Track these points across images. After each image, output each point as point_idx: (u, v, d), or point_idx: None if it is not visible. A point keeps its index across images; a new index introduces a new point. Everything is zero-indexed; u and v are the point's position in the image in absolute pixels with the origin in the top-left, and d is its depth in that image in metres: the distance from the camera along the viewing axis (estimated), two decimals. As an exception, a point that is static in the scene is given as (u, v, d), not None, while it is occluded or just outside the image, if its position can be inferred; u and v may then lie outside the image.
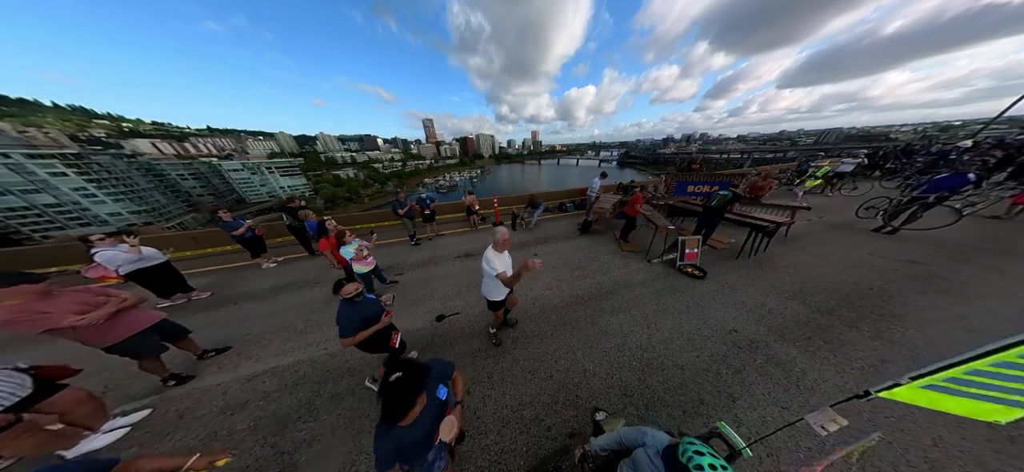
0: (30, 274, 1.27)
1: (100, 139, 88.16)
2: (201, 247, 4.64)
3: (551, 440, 1.42)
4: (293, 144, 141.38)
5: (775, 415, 1.49)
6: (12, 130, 79.32)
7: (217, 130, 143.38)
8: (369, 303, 1.50)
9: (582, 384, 1.72)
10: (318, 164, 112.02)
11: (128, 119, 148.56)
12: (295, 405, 1.65)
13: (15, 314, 1.19)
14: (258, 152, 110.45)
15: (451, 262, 3.73)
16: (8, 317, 1.18)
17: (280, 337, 2.27)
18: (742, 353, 1.89)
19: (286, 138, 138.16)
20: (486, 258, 1.60)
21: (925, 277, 2.70)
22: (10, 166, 34.85)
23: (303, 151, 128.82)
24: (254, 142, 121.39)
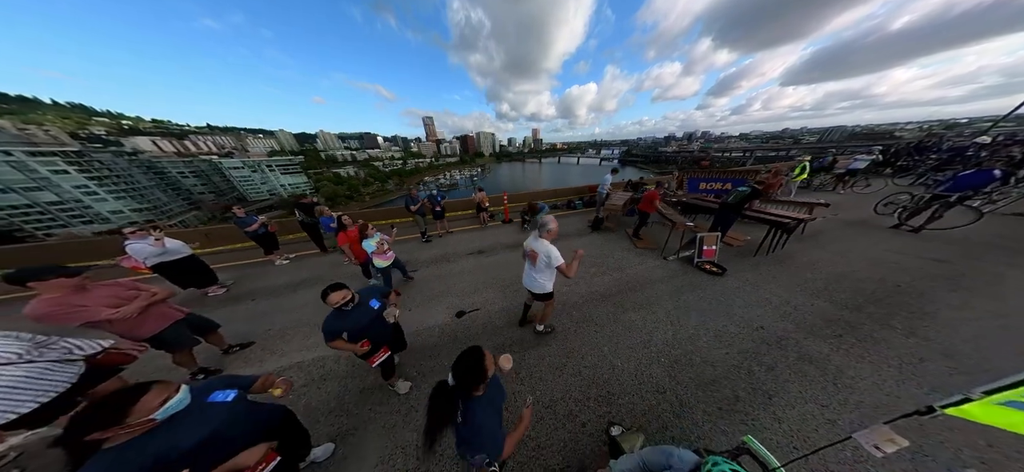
0: (66, 267, 1.26)
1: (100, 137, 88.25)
2: (213, 244, 4.64)
3: (587, 436, 1.40)
4: (293, 142, 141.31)
5: (815, 413, 1.47)
6: (12, 127, 79.46)
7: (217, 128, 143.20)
8: (360, 314, 1.35)
9: (612, 380, 1.70)
10: (318, 162, 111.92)
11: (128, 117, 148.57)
12: (325, 399, 1.65)
13: (54, 308, 1.19)
14: (258, 150, 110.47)
15: (464, 259, 3.72)
16: (47, 310, 1.17)
17: (301, 333, 2.27)
18: (772, 350, 1.87)
19: (286, 136, 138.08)
20: (546, 250, 1.58)
21: (953, 275, 2.66)
22: (12, 163, 34.96)
23: (303, 149, 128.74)
24: (254, 140, 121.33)
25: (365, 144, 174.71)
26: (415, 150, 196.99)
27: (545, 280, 1.73)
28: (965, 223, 3.62)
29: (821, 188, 6.73)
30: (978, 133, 7.95)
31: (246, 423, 0.85)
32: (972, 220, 3.63)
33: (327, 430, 1.49)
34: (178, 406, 0.72)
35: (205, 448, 0.73)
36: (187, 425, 0.73)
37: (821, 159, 7.25)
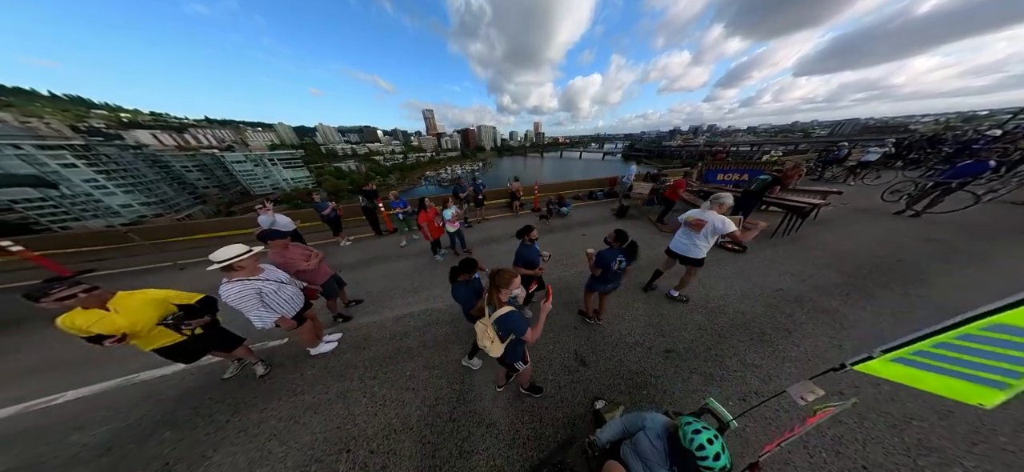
0: (279, 232, 1.77)
1: (100, 130, 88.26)
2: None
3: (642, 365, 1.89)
4: (292, 135, 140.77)
5: (825, 341, 1.95)
6: (14, 121, 79.62)
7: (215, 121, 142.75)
8: (533, 253, 1.93)
9: (663, 322, 2.18)
10: (319, 156, 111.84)
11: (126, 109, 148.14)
12: (445, 335, 2.15)
13: (280, 258, 1.72)
14: (257, 143, 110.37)
15: (510, 240, 4.19)
16: (277, 260, 1.70)
17: (397, 294, 2.76)
18: (791, 304, 2.34)
19: (285, 129, 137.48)
20: (719, 220, 1.87)
21: (948, 252, 3.09)
22: (23, 157, 35.59)
23: (303, 143, 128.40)
24: (253, 133, 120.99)
25: (365, 138, 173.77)
26: (415, 144, 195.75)
27: (703, 247, 1.97)
28: (962, 207, 4.03)
29: (833, 180, 7.07)
30: (998, 126, 8.10)
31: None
32: (968, 204, 4.04)
33: (461, 352, 1.98)
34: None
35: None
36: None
37: (835, 152, 7.52)
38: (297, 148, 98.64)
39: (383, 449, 1.39)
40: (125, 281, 3.42)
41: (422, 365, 1.87)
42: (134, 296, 1.35)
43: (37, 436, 1.55)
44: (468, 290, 1.58)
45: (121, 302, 1.31)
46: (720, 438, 0.74)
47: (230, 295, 1.36)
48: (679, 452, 0.77)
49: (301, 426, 1.51)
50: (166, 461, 1.38)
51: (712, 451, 0.71)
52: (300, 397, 1.67)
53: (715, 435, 0.74)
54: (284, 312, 1.53)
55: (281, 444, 1.43)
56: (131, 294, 1.36)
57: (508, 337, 1.14)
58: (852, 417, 1.42)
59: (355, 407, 1.60)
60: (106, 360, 2.01)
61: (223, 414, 1.58)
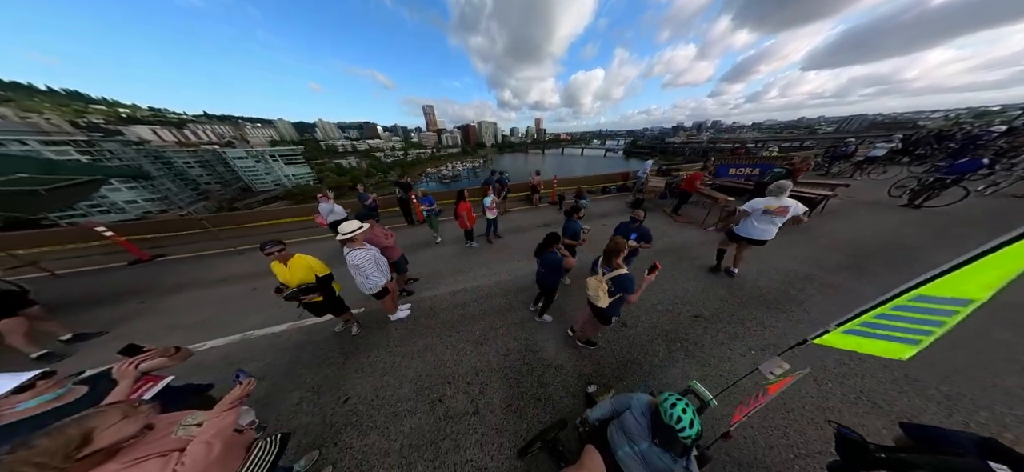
0: (368, 214, 2.12)
1: (100, 126, 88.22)
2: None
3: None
4: (292, 131, 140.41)
5: (833, 309, 2.28)
6: (15, 116, 79.62)
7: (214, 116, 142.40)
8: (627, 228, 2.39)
9: (690, 296, 2.52)
10: (319, 152, 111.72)
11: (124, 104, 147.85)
12: (500, 304, 2.50)
13: (371, 235, 2.08)
14: (257, 139, 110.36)
15: (536, 230, 4.53)
16: (371, 237, 2.07)
17: (445, 275, 3.11)
18: (801, 281, 2.67)
19: (285, 125, 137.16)
20: (797, 205, 2.17)
21: (946, 238, 3.43)
22: (28, 153, 35.96)
23: (303, 139, 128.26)
24: (252, 129, 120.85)
25: (365, 134, 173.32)
26: (415, 140, 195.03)
27: (776, 230, 2.32)
28: (954, 201, 4.35)
29: (840, 175, 7.34)
30: (1008, 122, 8.25)
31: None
32: (960, 198, 4.36)
33: (518, 317, 2.32)
34: None
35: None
36: None
37: (843, 148, 7.75)
38: (297, 144, 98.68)
39: (476, 382, 1.74)
40: (190, 263, 3.78)
41: (487, 326, 2.23)
42: (300, 260, 1.72)
43: (204, 370, 1.93)
44: (553, 258, 1.87)
45: (294, 262, 1.70)
46: (692, 409, 0.85)
47: (357, 259, 1.73)
48: (660, 425, 0.88)
49: (403, 368, 1.87)
50: (310, 386, 1.74)
51: (686, 420, 0.83)
52: (395, 349, 2.03)
53: (687, 406, 0.85)
54: (386, 278, 1.88)
55: (394, 378, 1.78)
56: (300, 258, 1.73)
57: (619, 294, 1.40)
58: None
59: (442, 355, 1.95)
60: (225, 320, 2.41)
61: (338, 358, 1.94)
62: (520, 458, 1.33)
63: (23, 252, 3.29)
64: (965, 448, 0.79)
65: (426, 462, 1.35)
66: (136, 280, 3.30)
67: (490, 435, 1.45)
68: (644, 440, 0.92)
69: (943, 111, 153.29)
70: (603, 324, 1.67)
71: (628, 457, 0.92)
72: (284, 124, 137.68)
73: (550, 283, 1.98)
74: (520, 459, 1.32)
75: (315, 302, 1.82)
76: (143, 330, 2.45)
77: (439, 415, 1.56)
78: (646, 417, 0.95)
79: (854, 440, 0.88)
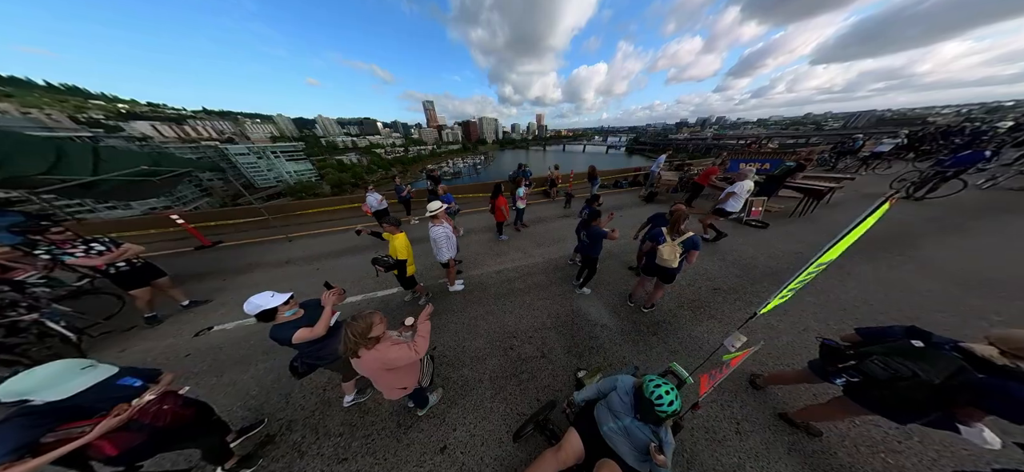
0: (441, 197, 2.48)
1: (100, 121, 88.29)
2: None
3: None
4: (292, 127, 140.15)
5: (836, 287, 2.64)
6: (16, 111, 79.80)
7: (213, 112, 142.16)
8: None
9: (709, 275, 2.89)
10: (319, 149, 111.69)
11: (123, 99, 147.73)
12: (542, 281, 2.88)
13: (444, 222, 2.40)
14: (257, 135, 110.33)
15: (557, 220, 4.89)
16: (444, 222, 2.39)
17: (485, 258, 3.48)
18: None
19: (284, 121, 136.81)
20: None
21: (943, 227, 3.80)
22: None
23: (302, 135, 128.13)
24: (252, 125, 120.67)
25: (364, 130, 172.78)
26: (416, 136, 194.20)
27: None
28: (953, 192, 4.67)
29: (846, 170, 7.64)
30: (1020, 117, 8.39)
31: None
32: (958, 190, 4.68)
33: (560, 290, 2.70)
34: None
35: None
36: None
37: (850, 144, 8.01)
38: (297, 140, 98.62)
39: (537, 337, 2.13)
40: (248, 249, 4.17)
41: (535, 297, 2.61)
42: (395, 238, 2.10)
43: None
44: (597, 229, 2.25)
45: (396, 239, 2.09)
46: (673, 389, 0.96)
47: (437, 234, 2.17)
48: (642, 402, 0.98)
49: (474, 326, 2.25)
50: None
51: (667, 400, 0.94)
52: (460, 314, 2.41)
53: (670, 388, 0.95)
54: (453, 253, 2.29)
55: (468, 334, 2.17)
56: (400, 236, 2.11)
57: (687, 252, 1.86)
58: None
59: (503, 318, 2.34)
60: (307, 291, 2.79)
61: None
62: (516, 441, 1.41)
63: (115, 235, 3.67)
64: (897, 335, 1.16)
65: (512, 387, 1.74)
66: (207, 263, 3.69)
67: (558, 371, 1.84)
68: (627, 416, 1.03)
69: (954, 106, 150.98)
70: (668, 283, 2.09)
71: (613, 431, 1.04)
72: (284, 120, 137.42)
73: (593, 254, 2.34)
74: (516, 442, 1.40)
75: (394, 272, 2.21)
76: (237, 299, 2.85)
77: (513, 358, 1.94)
78: (630, 396, 1.06)
79: (833, 345, 1.27)
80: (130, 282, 2.31)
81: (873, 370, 1.07)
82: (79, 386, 0.88)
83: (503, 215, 3.81)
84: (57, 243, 2.37)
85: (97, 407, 0.90)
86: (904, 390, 0.99)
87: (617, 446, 1.02)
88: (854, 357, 1.17)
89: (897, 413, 1.07)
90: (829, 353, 1.25)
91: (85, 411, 0.88)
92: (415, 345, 1.13)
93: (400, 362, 1.09)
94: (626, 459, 0.99)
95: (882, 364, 1.05)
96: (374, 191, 4.05)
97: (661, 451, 0.92)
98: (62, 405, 0.85)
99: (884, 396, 1.06)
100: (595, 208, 2.32)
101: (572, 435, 1.09)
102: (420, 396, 1.48)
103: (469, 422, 1.55)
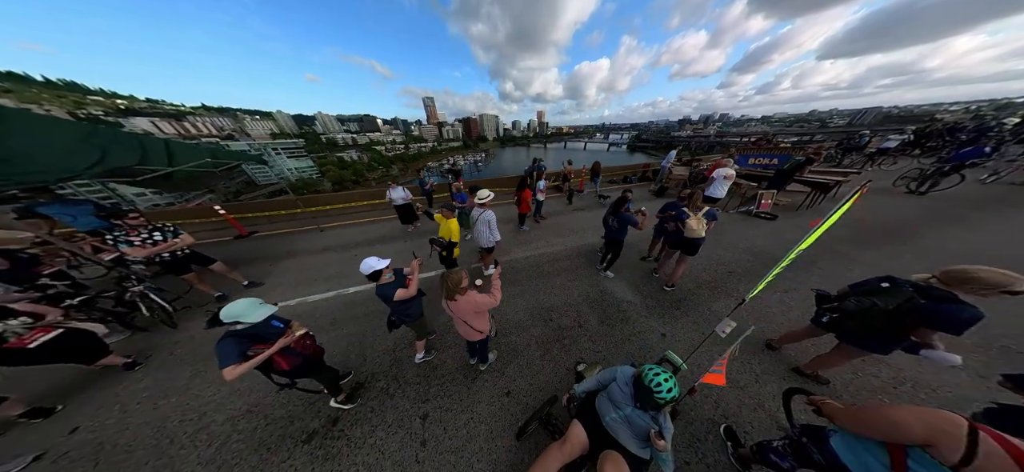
0: (476, 186, 2.73)
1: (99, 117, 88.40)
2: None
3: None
4: (292, 124, 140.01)
5: (840, 270, 2.89)
6: (14, 107, 79.68)
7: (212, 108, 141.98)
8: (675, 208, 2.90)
9: (723, 260, 3.13)
10: (319, 146, 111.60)
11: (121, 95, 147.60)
12: (568, 265, 3.14)
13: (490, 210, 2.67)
14: (257, 132, 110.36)
15: (571, 213, 5.13)
16: (488, 211, 2.64)
17: (512, 245, 3.73)
18: (814, 249, 3.24)
19: (284, 117, 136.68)
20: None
21: (946, 217, 4.04)
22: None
23: (302, 132, 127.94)
24: (252, 122, 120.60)
25: (364, 127, 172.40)
26: (416, 133, 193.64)
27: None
28: (952, 185, 4.90)
29: (851, 166, 7.83)
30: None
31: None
32: (956, 183, 4.91)
33: (585, 272, 2.95)
34: None
35: None
36: None
37: (857, 140, 8.18)
38: (297, 137, 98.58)
39: (572, 311, 2.39)
40: (283, 238, 4.44)
41: (564, 280, 2.87)
42: (453, 222, 2.38)
43: (346, 305, 2.58)
44: (626, 215, 2.48)
45: (450, 222, 2.36)
46: (671, 377, 0.98)
47: (488, 217, 2.45)
48: (641, 390, 1.00)
49: (513, 302, 2.51)
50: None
51: (665, 387, 0.97)
52: (498, 292, 2.68)
53: (669, 375, 0.99)
54: (496, 238, 2.56)
55: (509, 308, 2.43)
56: (453, 221, 2.38)
57: (711, 222, 2.19)
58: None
59: (539, 296, 2.60)
60: (352, 275, 3.07)
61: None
62: (519, 439, 1.43)
63: (175, 222, 3.97)
64: (873, 282, 1.43)
65: (557, 349, 2.01)
66: (249, 251, 3.96)
67: (595, 337, 2.11)
68: (628, 405, 1.06)
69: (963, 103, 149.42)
70: (692, 255, 2.39)
71: (615, 421, 1.07)
72: (283, 116, 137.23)
73: (619, 237, 2.60)
74: (519, 440, 1.43)
75: (443, 254, 2.49)
76: (289, 281, 3.12)
77: (553, 327, 2.21)
78: (630, 386, 1.08)
79: (823, 293, 1.60)
80: (174, 269, 2.51)
81: (847, 306, 1.37)
82: (262, 315, 1.18)
83: (528, 207, 4.07)
84: (132, 229, 2.63)
85: (266, 336, 1.20)
86: (869, 317, 1.27)
87: (619, 435, 1.05)
88: (838, 299, 1.49)
89: (872, 342, 1.35)
90: (820, 299, 1.59)
91: (261, 337, 1.19)
92: (493, 294, 1.42)
93: (485, 305, 1.38)
94: (628, 447, 1.03)
95: (855, 302, 1.34)
96: (396, 186, 4.30)
97: (661, 436, 0.97)
98: (252, 331, 1.16)
99: (857, 326, 1.35)
100: (626, 195, 2.58)
101: (576, 427, 1.12)
102: (483, 352, 1.74)
103: (525, 375, 1.83)
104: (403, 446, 1.46)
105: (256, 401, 1.70)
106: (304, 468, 1.40)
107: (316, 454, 1.45)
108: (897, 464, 0.72)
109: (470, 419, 1.57)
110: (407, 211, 4.33)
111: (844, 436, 0.88)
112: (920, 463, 0.68)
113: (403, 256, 3.37)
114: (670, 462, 0.97)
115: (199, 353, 2.12)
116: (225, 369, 1.06)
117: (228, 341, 1.09)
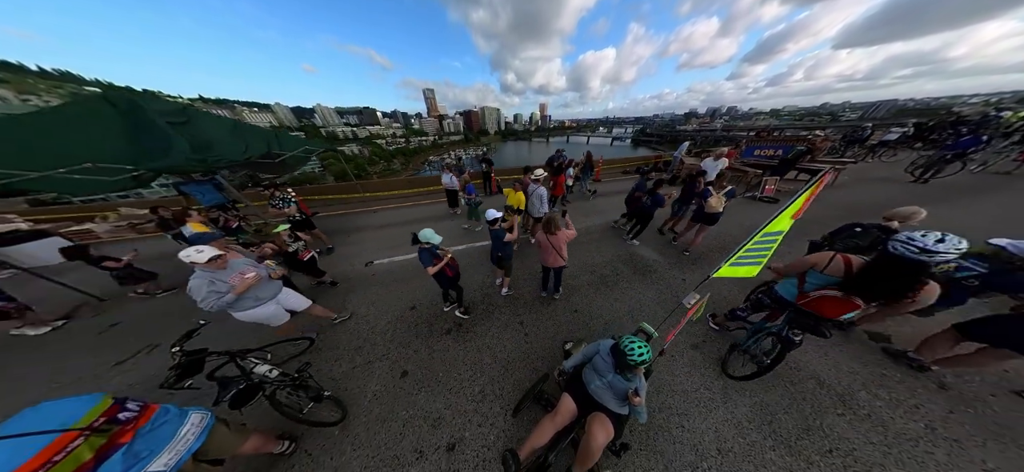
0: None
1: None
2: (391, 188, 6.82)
3: (728, 244, 3.50)
4: (290, 116, 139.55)
5: (828, 237, 3.53)
6: (15, 98, 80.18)
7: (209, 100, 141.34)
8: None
9: (742, 237, 3.77)
10: (320, 139, 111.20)
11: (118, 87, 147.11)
12: (600, 237, 3.81)
13: (541, 187, 3.34)
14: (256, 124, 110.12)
15: (595, 198, 5.76)
16: (541, 187, 3.32)
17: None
18: (809, 226, 3.89)
19: (283, 110, 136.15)
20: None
21: (938, 199, 4.67)
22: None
23: (302, 125, 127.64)
24: (250, 114, 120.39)
25: (364, 120, 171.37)
26: (416, 127, 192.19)
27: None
28: (952, 173, 5.47)
29: (852, 157, 8.34)
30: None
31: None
32: (958, 170, 5.47)
33: (614, 242, 3.61)
34: None
35: None
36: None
37: (859, 133, 8.67)
38: (297, 130, 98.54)
39: (610, 267, 3.07)
40: (341, 217, 5.13)
41: (596, 247, 3.53)
42: (520, 194, 3.05)
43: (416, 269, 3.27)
44: (659, 196, 3.14)
45: (518, 195, 3.04)
46: (644, 344, 1.17)
47: (540, 192, 3.13)
48: (619, 355, 1.18)
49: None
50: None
51: (637, 351, 1.16)
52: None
53: (641, 342, 1.17)
54: (546, 209, 3.25)
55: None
56: (520, 193, 3.05)
57: (728, 200, 2.81)
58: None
59: (580, 258, 3.27)
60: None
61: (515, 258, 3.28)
62: (515, 416, 1.56)
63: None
64: (851, 227, 2.05)
65: (606, 291, 2.69)
66: (319, 227, 4.67)
67: (633, 288, 2.78)
68: (610, 373, 1.24)
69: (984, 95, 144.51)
70: (712, 225, 2.99)
71: (599, 388, 1.26)
72: (282, 108, 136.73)
73: (650, 211, 3.25)
74: (515, 417, 1.56)
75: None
76: (358, 252, 3.80)
77: (598, 276, 2.91)
78: (611, 356, 1.25)
79: (815, 242, 2.21)
80: (302, 227, 3.42)
81: (834, 248, 1.97)
82: (438, 240, 1.84)
83: (562, 190, 4.74)
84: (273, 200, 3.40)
85: (439, 255, 1.90)
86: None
87: (603, 399, 1.24)
88: (824, 242, 2.12)
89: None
90: (812, 247, 2.22)
91: (437, 255, 1.89)
92: (572, 231, 2.09)
93: (571, 238, 2.06)
94: (610, 408, 1.23)
95: (841, 245, 1.97)
96: (448, 173, 4.97)
97: (637, 394, 1.15)
98: (433, 250, 1.85)
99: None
100: (660, 178, 3.24)
101: (566, 399, 1.29)
102: (558, 281, 2.42)
103: (584, 303, 2.54)
104: (514, 335, 2.18)
105: (401, 314, 2.47)
106: (454, 344, 2.11)
107: (458, 338, 2.17)
108: (800, 281, 1.44)
109: (554, 323, 2.30)
110: (453, 195, 4.99)
111: (783, 282, 1.60)
112: (812, 277, 1.39)
113: (450, 232, 4.06)
114: (644, 413, 1.17)
115: (363, 282, 3.01)
116: (428, 267, 1.74)
117: (425, 253, 1.77)
